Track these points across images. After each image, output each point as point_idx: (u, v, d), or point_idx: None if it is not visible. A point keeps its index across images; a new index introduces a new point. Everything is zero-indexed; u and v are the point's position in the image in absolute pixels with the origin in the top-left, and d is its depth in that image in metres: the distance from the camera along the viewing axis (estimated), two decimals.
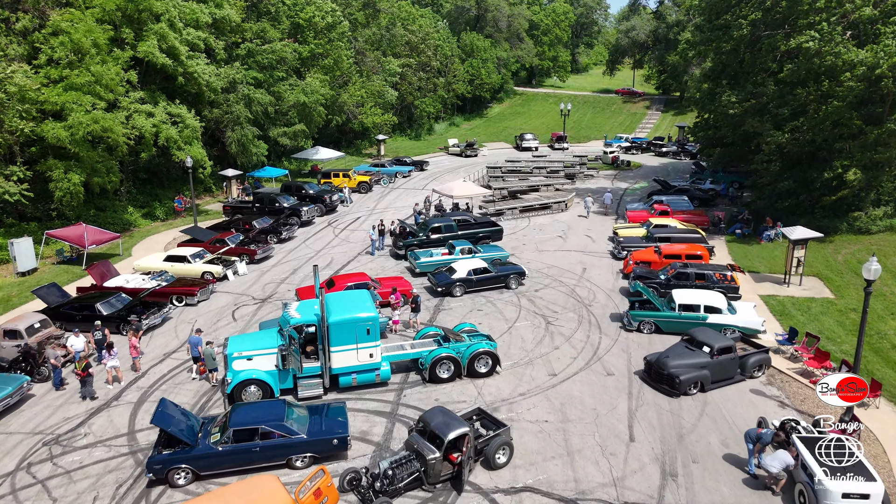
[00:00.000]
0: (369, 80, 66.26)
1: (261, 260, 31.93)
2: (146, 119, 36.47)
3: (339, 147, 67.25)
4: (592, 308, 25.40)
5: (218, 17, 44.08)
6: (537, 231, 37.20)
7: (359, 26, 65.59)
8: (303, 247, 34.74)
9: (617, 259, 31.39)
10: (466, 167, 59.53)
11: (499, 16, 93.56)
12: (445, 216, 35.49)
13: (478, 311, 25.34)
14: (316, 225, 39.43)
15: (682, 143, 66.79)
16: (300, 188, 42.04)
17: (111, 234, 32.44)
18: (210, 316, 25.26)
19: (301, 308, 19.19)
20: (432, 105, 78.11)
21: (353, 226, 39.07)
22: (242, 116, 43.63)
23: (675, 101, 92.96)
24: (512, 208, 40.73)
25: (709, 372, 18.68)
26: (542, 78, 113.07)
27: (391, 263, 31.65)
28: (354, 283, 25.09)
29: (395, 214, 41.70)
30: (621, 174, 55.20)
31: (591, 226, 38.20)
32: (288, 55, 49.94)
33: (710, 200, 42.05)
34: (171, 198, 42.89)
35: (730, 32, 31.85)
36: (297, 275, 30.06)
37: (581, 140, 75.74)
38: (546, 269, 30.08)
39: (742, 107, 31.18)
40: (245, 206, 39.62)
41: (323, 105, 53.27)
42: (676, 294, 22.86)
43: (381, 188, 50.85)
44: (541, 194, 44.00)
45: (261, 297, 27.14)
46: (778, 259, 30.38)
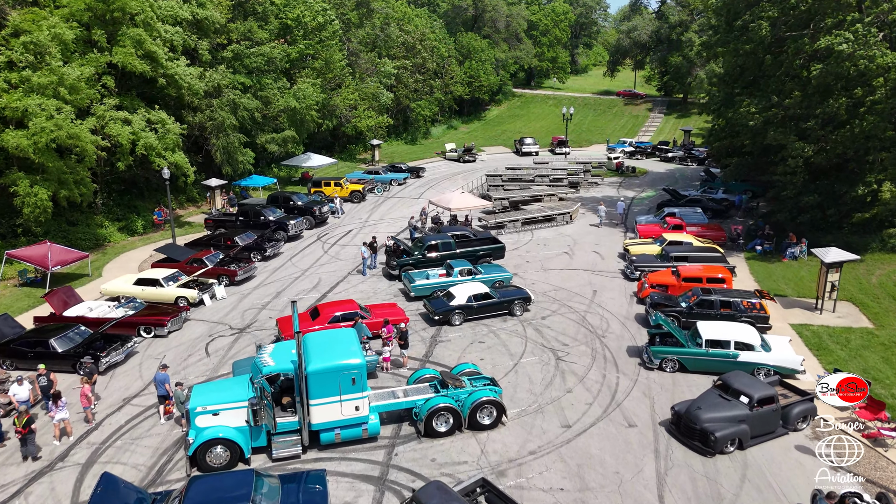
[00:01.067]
0: (363, 83, 63.71)
1: (242, 281, 29.35)
2: (123, 126, 33.83)
3: (332, 152, 64.65)
4: (607, 340, 22.87)
5: (200, 17, 41.45)
6: (541, 246, 34.66)
7: (352, 27, 63.00)
8: (289, 265, 32.14)
9: (629, 280, 28.87)
10: (464, 173, 57.04)
11: (497, 16, 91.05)
12: (443, 230, 32.97)
13: (479, 343, 22.79)
14: (304, 239, 36.83)
15: (688, 147, 64.38)
16: (288, 199, 39.43)
17: (78, 254, 29.79)
18: (181, 350, 22.65)
19: (276, 353, 16.61)
20: (429, 108, 75.58)
21: (344, 240, 36.48)
22: (227, 123, 41.00)
23: (678, 103, 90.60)
24: (513, 220, 38.20)
25: (748, 427, 16.16)
26: (540, 79, 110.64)
27: (384, 285, 29.08)
28: (342, 313, 22.53)
29: (390, 227, 39.15)
30: (627, 181, 52.72)
31: (598, 240, 35.68)
32: (277, 56, 47.33)
33: (725, 212, 39.56)
34: (151, 209, 40.24)
35: (749, 33, 29.36)
36: (281, 298, 27.47)
37: (582, 144, 73.33)
38: (553, 292, 27.54)
39: (763, 117, 28.68)
40: (228, 220, 37.00)
41: (315, 110, 50.69)
42: (702, 327, 20.35)
43: (376, 196, 48.29)
44: (544, 205, 41.49)
45: (239, 327, 24.53)
46: (805, 280, 27.90)
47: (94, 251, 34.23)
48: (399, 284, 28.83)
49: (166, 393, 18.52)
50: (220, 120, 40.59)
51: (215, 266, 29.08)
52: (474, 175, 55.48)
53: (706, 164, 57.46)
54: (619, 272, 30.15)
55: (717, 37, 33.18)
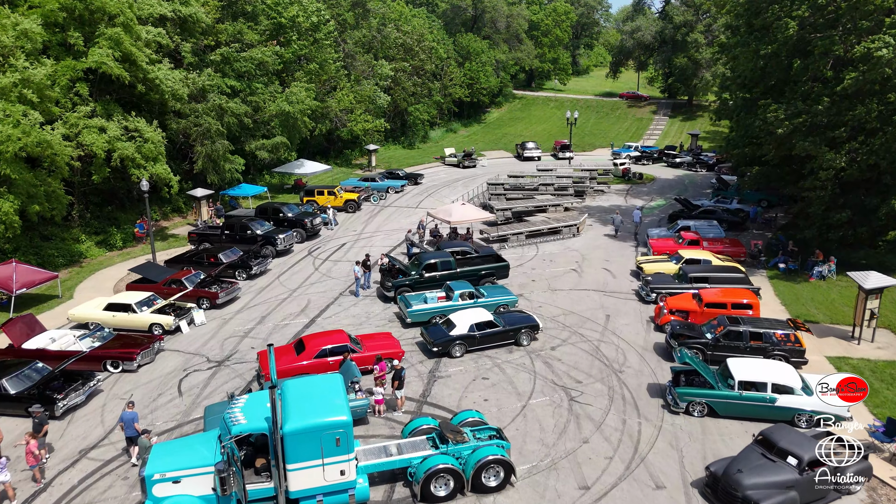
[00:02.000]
0: (359, 85, 61.44)
1: (225, 304, 27.05)
2: (98, 135, 31.54)
3: (327, 157, 62.40)
4: (624, 376, 20.60)
5: (184, 15, 39.12)
6: (548, 263, 32.38)
7: (348, 27, 60.74)
8: (276, 284, 29.85)
9: (645, 302, 26.59)
10: (464, 180, 54.77)
11: (497, 16, 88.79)
12: (442, 246, 30.70)
13: (482, 379, 20.52)
14: (294, 254, 34.54)
15: (696, 152, 62.16)
16: (277, 210, 37.12)
17: (47, 274, 27.48)
18: (151, 388, 20.37)
19: (250, 407, 14.30)
20: (427, 111, 73.31)
21: (337, 255, 34.18)
22: (213, 129, 38.69)
23: (683, 105, 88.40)
24: (517, 233, 35.92)
25: (797, 494, 13.90)
26: (541, 80, 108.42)
27: (378, 308, 26.78)
28: (330, 347, 20.26)
29: (386, 239, 36.87)
30: (634, 188, 50.46)
31: (608, 255, 33.40)
32: (268, 59, 45.06)
33: (741, 224, 37.28)
34: (133, 221, 37.90)
35: (773, 34, 27.10)
36: (265, 324, 25.18)
37: (586, 148, 71.06)
38: (562, 317, 25.26)
39: (791, 124, 26.40)
40: (213, 234, 34.67)
41: (308, 115, 48.43)
42: (735, 366, 18.09)
43: (371, 205, 46.01)
44: (549, 216, 39.22)
45: (217, 359, 22.24)
46: (837, 304, 25.64)
47: (69, 268, 31.99)
48: (394, 307, 26.56)
49: (136, 433, 16.50)
50: (206, 126, 38.27)
51: (195, 288, 26.77)
52: (475, 182, 53.24)
53: (716, 170, 55.25)
54: (632, 293, 27.87)
55: (736, 38, 30.86)
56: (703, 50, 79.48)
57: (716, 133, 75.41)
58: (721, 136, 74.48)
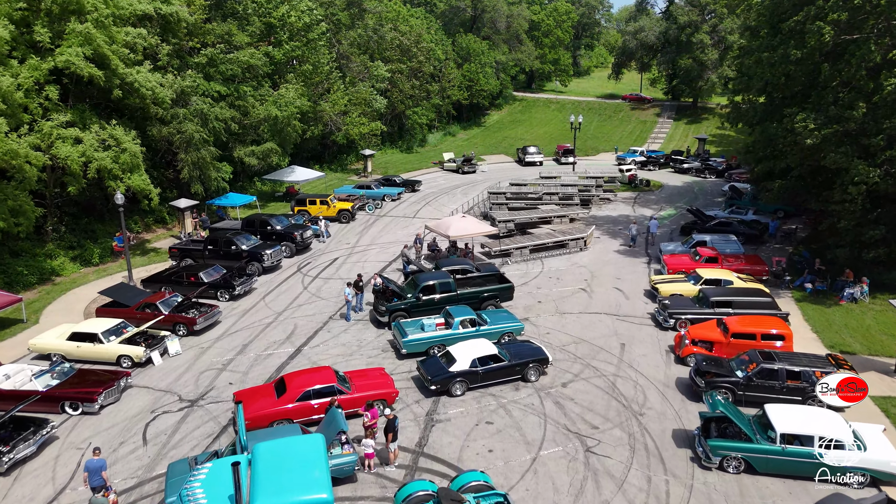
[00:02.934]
0: (354, 87, 59.18)
1: (203, 330, 24.77)
2: (72, 147, 29.27)
3: (322, 162, 60.14)
4: (646, 420, 18.37)
5: (164, 13, 36.78)
6: (554, 281, 30.13)
7: (343, 28, 58.47)
8: (261, 305, 27.58)
9: (662, 328, 24.35)
10: (464, 187, 52.52)
11: (496, 16, 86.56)
12: (440, 264, 28.43)
13: (486, 424, 18.27)
14: (283, 270, 32.27)
15: (704, 157, 59.92)
16: (265, 223, 34.82)
17: (8, 297, 25.17)
18: (113, 434, 18.10)
19: (211, 480, 12.03)
20: (425, 114, 71.05)
21: (328, 272, 31.91)
22: (196, 136, 36.38)
23: (688, 107, 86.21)
24: (521, 248, 33.67)
25: None
26: (541, 82, 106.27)
27: (370, 334, 24.51)
28: (315, 388, 18.01)
29: (381, 253, 34.61)
30: (642, 196, 48.22)
31: (619, 272, 31.17)
32: (258, 62, 42.78)
33: (759, 237, 35.03)
34: (112, 234, 35.59)
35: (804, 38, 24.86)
36: (247, 354, 22.91)
37: (588, 152, 68.81)
38: (573, 346, 23.02)
39: (821, 134, 24.19)
40: (196, 249, 32.35)
41: (299, 118, 46.17)
42: (775, 415, 15.86)
43: (367, 215, 43.73)
44: (554, 228, 36.98)
45: (190, 397, 19.97)
46: (873, 331, 23.43)
47: (41, 287, 29.72)
48: (389, 334, 24.30)
49: (103, 483, 14.65)
50: (189, 133, 35.97)
51: (171, 313, 24.50)
52: (475, 189, 51.02)
53: (727, 176, 53.06)
54: (648, 317, 25.63)
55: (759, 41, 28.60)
56: (709, 51, 77.37)
57: (723, 137, 73.33)
58: (728, 140, 72.45)
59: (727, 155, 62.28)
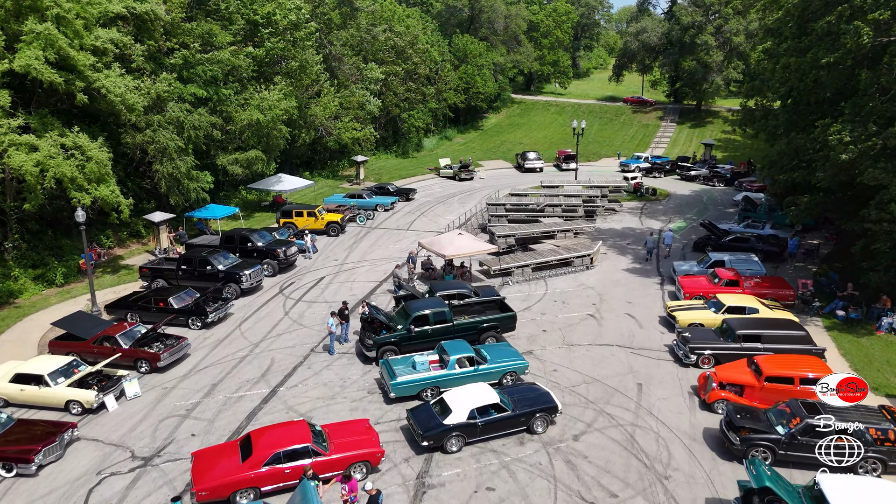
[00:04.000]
0: (346, 90, 56.56)
1: (168, 366, 22.11)
2: (27, 155, 26.58)
3: (313, 169, 57.51)
4: (672, 483, 15.78)
5: (139, 12, 34.09)
6: (560, 305, 27.53)
7: (334, 28, 55.81)
8: (236, 334, 24.92)
9: (683, 364, 21.78)
10: (461, 195, 49.96)
11: (494, 16, 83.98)
12: (435, 288, 25.83)
13: (487, 490, 15.66)
14: (263, 291, 29.61)
15: (711, 164, 57.46)
16: (245, 239, 32.14)
17: None
18: (50, 502, 15.42)
19: None
20: (421, 118, 68.46)
21: (313, 293, 29.26)
22: (172, 146, 33.67)
23: (691, 110, 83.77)
24: (522, 266, 31.08)
25: None
26: (540, 84, 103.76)
27: (356, 371, 21.87)
28: (286, 451, 15.37)
29: (371, 271, 31.98)
30: (648, 206, 45.67)
31: (629, 294, 28.59)
32: (241, 63, 40.13)
33: (779, 255, 32.49)
34: (80, 250, 32.87)
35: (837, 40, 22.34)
36: (215, 396, 20.26)
37: (590, 157, 66.35)
38: (584, 387, 20.43)
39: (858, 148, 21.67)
40: (168, 269, 29.65)
41: (285, 122, 43.50)
42: (832, 492, 13.27)
43: (357, 226, 41.10)
44: (558, 243, 34.40)
45: (145, 454, 17.30)
46: None
47: None
48: (376, 370, 21.68)
49: None
50: (163, 142, 33.27)
51: (132, 347, 21.83)
52: (472, 198, 48.50)
53: (736, 185, 50.61)
54: (665, 349, 23.07)
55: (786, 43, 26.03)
56: (714, 53, 74.95)
57: (728, 141, 70.92)
58: (734, 145, 70.00)
59: (735, 161, 59.90)
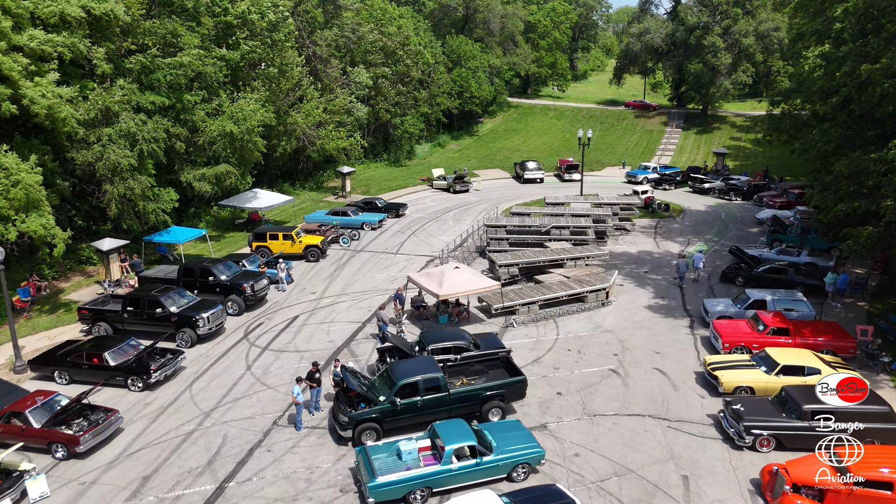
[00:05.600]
0: (331, 94, 52.17)
1: (91, 451, 17.63)
2: None
3: (295, 181, 53.05)
4: None
5: (97, 13, 29.68)
6: (575, 355, 23.20)
7: (317, 27, 51.38)
8: (185, 398, 20.49)
9: (735, 446, 17.50)
10: (456, 210, 45.71)
11: (490, 16, 79.71)
12: (427, 339, 21.50)
13: None
14: (225, 336, 25.19)
15: (725, 175, 53.34)
16: (207, 272, 27.64)
17: None
18: None
19: None
20: (414, 124, 64.12)
21: (283, 339, 24.84)
22: (124, 163, 29.17)
23: (697, 115, 79.78)
24: (529, 303, 26.75)
25: None
26: (538, 87, 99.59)
27: (326, 456, 17.45)
28: None
29: (353, 308, 27.62)
30: (663, 225, 41.43)
31: (657, 340, 24.28)
32: (207, 69, 35.64)
33: (821, 289, 28.21)
34: (18, 283, 28.39)
35: None
36: (145, 498, 15.81)
37: (593, 167, 62.12)
38: (614, 482, 16.10)
39: None
40: (112, 311, 25.10)
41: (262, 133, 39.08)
42: None
43: (341, 249, 36.71)
44: (567, 273, 30.08)
45: None
46: None
47: None
48: (353, 453, 17.30)
49: None
50: (112, 160, 28.78)
51: (46, 426, 17.37)
52: (468, 214, 44.32)
53: (756, 199, 46.45)
54: (709, 421, 18.79)
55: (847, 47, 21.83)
56: (722, 55, 70.95)
57: (738, 149, 66.89)
58: (745, 152, 65.81)
59: (749, 171, 55.82)
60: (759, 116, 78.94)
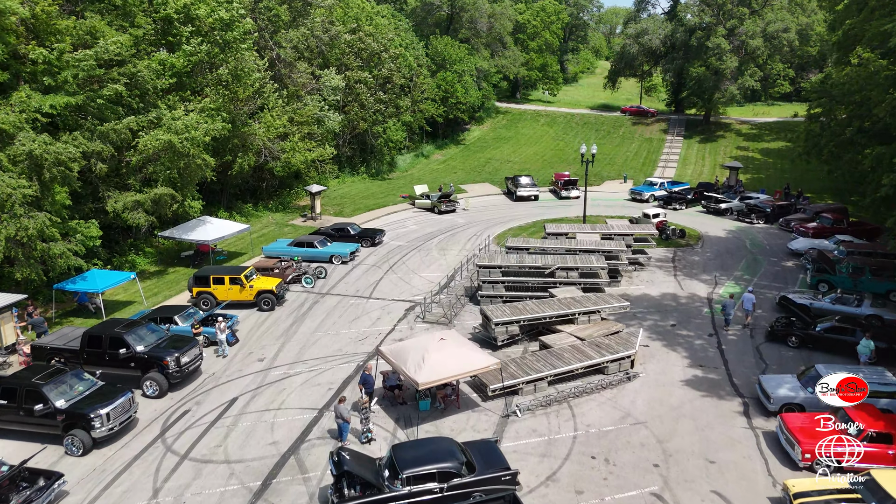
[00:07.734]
0: (300, 101, 45.98)
1: None
2: None
3: (258, 200, 46.63)
4: None
5: None
6: (602, 470, 17.15)
7: (281, 27, 45.09)
8: None
9: None
10: (441, 236, 39.75)
11: (477, 16, 73.80)
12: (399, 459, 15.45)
13: None
14: (133, 436, 18.90)
15: (741, 193, 47.81)
16: (119, 342, 21.26)
17: None
18: None
19: None
20: (397, 132, 57.97)
21: (212, 439, 18.59)
22: (17, 195, 22.76)
23: (699, 122, 74.37)
24: (534, 381, 20.77)
25: None
26: (527, 91, 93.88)
27: None
28: None
29: (307, 387, 21.50)
30: (681, 257, 35.60)
31: (705, 438, 18.36)
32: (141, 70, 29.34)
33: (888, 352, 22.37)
34: None
35: None
36: None
37: (591, 181, 56.02)
38: None
39: None
40: None
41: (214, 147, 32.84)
42: None
43: (303, 291, 30.55)
44: (578, 331, 24.09)
45: None
46: None
47: None
48: None
49: None
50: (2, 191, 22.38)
51: None
52: (455, 241, 38.41)
53: (781, 223, 40.80)
54: None
55: None
56: (728, 58, 65.58)
57: (747, 160, 61.33)
58: (755, 164, 60.23)
59: (767, 187, 50.32)
60: (765, 123, 74.00)
